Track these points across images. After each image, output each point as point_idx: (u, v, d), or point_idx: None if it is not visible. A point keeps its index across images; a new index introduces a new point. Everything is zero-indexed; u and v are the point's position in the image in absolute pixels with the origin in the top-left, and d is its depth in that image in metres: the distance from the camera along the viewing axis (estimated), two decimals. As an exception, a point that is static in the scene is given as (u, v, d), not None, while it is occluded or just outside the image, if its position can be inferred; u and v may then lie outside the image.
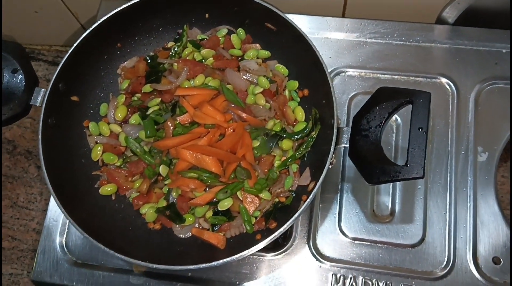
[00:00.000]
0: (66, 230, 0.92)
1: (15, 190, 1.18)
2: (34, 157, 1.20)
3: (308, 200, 0.74)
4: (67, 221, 0.92)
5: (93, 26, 0.83)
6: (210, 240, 0.82)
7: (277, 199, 0.85)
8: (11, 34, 1.15)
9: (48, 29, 1.15)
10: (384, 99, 0.71)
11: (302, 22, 0.83)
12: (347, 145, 0.74)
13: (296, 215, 0.73)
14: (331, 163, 0.75)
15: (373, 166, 0.69)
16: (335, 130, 0.75)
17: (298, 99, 0.90)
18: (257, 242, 0.73)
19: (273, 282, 0.86)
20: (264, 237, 0.75)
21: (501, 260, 0.86)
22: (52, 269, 0.89)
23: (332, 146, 0.74)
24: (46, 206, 1.13)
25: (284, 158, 0.87)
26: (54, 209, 0.93)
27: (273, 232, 0.74)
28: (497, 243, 0.87)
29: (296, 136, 0.86)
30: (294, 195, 0.84)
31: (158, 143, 0.84)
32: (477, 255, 0.86)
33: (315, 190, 0.74)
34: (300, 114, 0.88)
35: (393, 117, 0.88)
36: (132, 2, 0.85)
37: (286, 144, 0.86)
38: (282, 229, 0.73)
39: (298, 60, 0.88)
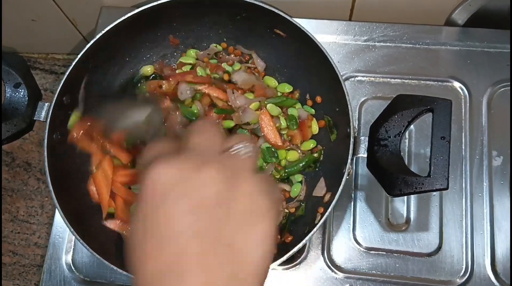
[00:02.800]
0: (72, 247, 0.89)
1: (15, 203, 1.14)
2: (34, 169, 1.16)
3: (326, 213, 0.72)
4: (73, 238, 0.89)
5: (97, 37, 0.79)
6: None
7: (286, 210, 0.83)
8: (7, 43, 1.12)
9: (47, 38, 1.11)
10: (403, 107, 0.69)
11: (307, 26, 0.80)
12: (365, 155, 0.72)
13: (315, 229, 0.71)
14: (348, 174, 0.73)
15: (395, 177, 0.67)
16: (352, 140, 0.73)
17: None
18: (274, 257, 0.71)
19: (288, 296, 0.84)
20: (280, 251, 0.72)
21: (520, 266, 0.84)
22: (60, 288, 0.87)
23: (350, 157, 0.72)
24: (47, 219, 1.10)
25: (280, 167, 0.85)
26: (59, 225, 0.90)
27: (289, 246, 0.72)
28: (515, 249, 0.85)
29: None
30: (303, 204, 0.82)
31: None
32: (495, 262, 0.84)
33: (334, 201, 0.72)
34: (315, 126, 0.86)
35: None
36: (135, 12, 0.82)
37: (292, 155, 0.84)
38: (300, 245, 0.71)
39: (307, 66, 0.85)
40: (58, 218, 0.91)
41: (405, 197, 0.89)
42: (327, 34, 0.99)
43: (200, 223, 0.36)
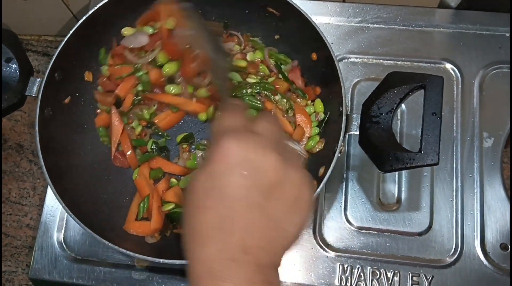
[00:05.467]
0: (64, 226, 0.89)
1: (7, 185, 1.14)
2: (26, 151, 1.16)
3: (321, 185, 0.73)
4: (65, 216, 0.89)
5: (90, 12, 0.79)
6: None
7: None
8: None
9: (38, 18, 1.10)
10: (395, 84, 0.70)
11: (301, 7, 0.81)
12: (357, 133, 0.73)
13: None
14: (340, 152, 0.73)
15: (386, 153, 0.67)
16: (344, 117, 0.73)
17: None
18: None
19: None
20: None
21: (509, 246, 0.85)
22: (51, 266, 0.86)
23: (342, 134, 0.72)
24: (39, 201, 1.10)
25: None
26: (51, 204, 0.90)
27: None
28: (504, 229, 0.86)
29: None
30: None
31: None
32: (484, 242, 0.85)
33: (326, 177, 0.72)
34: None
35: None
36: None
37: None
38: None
39: (301, 43, 0.85)
40: (50, 196, 0.91)
41: (397, 176, 0.89)
42: (321, 15, 0.99)
43: (254, 199, 0.44)
